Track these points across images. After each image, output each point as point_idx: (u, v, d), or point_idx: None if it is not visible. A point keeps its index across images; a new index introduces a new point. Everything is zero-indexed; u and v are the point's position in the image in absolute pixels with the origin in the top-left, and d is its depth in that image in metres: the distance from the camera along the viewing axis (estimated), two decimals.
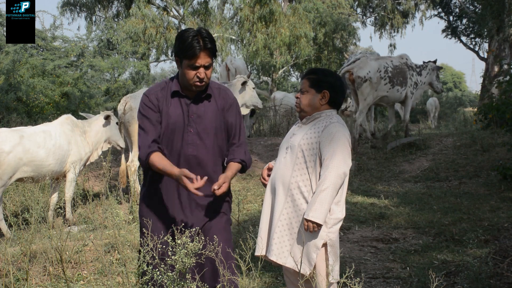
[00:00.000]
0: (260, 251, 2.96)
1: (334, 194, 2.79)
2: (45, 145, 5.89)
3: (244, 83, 8.32)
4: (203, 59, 2.81)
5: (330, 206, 2.79)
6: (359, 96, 9.82)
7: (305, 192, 2.86)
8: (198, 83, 2.85)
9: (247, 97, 8.45)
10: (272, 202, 2.97)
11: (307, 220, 2.76)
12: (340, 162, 2.80)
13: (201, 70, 2.82)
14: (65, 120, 6.37)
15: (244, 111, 8.65)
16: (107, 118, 6.52)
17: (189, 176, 2.69)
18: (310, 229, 2.77)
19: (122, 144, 6.76)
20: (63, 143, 6.08)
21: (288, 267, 2.87)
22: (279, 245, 2.88)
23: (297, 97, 3.04)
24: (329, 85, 2.98)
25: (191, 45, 2.78)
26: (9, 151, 5.52)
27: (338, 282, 2.87)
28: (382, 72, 9.91)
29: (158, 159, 2.82)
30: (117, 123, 6.71)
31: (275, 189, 2.95)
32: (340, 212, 2.89)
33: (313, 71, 3.07)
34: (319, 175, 2.84)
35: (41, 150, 5.81)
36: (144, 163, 2.87)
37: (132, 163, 7.23)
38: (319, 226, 2.77)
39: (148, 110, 2.91)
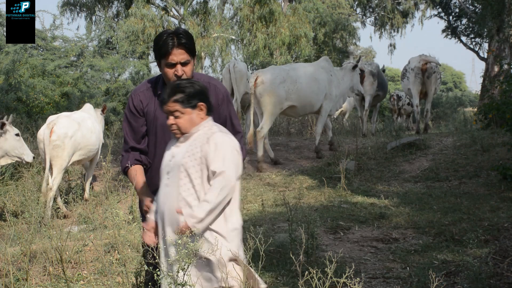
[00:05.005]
0: None
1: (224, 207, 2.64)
2: (94, 130, 6.56)
3: (355, 67, 9.34)
4: (178, 56, 2.77)
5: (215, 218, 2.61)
6: (428, 86, 10.85)
7: None
8: None
9: (354, 81, 9.46)
10: (165, 237, 2.69)
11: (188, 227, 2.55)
12: (230, 173, 2.62)
13: (178, 67, 2.79)
14: (90, 107, 7.02)
15: (349, 94, 9.91)
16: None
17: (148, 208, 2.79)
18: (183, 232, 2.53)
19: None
20: (100, 129, 6.78)
21: None
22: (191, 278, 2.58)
23: (172, 124, 2.70)
24: (200, 95, 2.72)
25: (165, 43, 2.77)
26: (71, 135, 6.18)
27: (338, 282, 2.85)
28: (438, 67, 11.14)
29: (132, 176, 2.92)
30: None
31: (164, 222, 2.69)
32: (236, 221, 2.76)
33: (175, 90, 2.70)
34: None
35: (93, 136, 6.50)
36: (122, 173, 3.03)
37: (261, 129, 8.56)
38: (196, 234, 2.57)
39: (131, 114, 2.91)
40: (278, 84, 8.55)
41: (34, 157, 6.14)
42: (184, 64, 2.80)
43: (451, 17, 21.40)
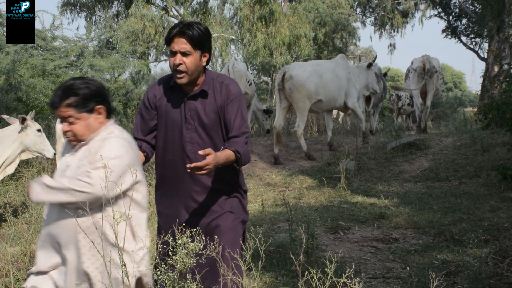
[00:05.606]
0: None
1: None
2: None
3: (369, 65, 9.57)
4: (179, 44, 2.74)
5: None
6: (429, 86, 11.20)
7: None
8: (176, 72, 2.77)
9: (370, 79, 9.66)
10: (56, 260, 2.39)
11: None
12: (96, 189, 2.28)
13: (177, 56, 2.75)
14: None
15: (364, 92, 10.05)
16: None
17: None
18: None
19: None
20: None
21: None
22: None
23: (67, 131, 2.40)
24: (97, 97, 2.40)
25: (171, 30, 2.78)
26: None
27: (338, 282, 2.86)
28: (440, 68, 11.46)
29: None
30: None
31: (57, 242, 2.37)
32: (145, 239, 2.48)
33: (67, 93, 2.36)
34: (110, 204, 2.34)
35: None
36: None
37: (298, 127, 8.91)
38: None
39: (144, 107, 2.94)
40: (306, 78, 8.81)
41: (55, 154, 6.04)
42: (184, 54, 2.75)
43: (451, 17, 21.42)
